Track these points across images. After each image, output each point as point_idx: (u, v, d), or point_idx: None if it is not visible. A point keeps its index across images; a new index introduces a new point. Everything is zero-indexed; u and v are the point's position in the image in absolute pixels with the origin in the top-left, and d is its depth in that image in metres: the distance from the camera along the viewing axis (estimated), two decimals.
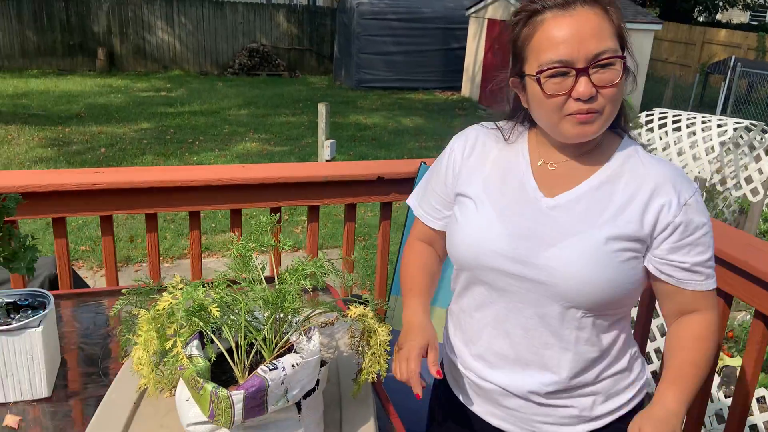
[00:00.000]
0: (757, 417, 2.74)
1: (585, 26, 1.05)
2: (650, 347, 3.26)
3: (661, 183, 1.14)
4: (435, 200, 1.33)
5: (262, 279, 1.18)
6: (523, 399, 1.24)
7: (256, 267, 1.22)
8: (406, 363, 1.14)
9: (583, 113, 1.08)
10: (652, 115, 4.82)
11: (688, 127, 4.69)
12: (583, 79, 1.06)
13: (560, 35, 1.06)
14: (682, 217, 1.13)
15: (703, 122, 4.74)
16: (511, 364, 1.23)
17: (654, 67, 15.57)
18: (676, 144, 4.65)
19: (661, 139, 4.64)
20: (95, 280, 4.44)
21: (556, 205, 1.17)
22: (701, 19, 25.27)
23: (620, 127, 1.21)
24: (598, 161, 1.18)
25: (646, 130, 4.64)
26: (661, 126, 4.66)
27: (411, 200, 1.41)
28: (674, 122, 4.81)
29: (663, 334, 3.36)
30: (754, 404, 2.72)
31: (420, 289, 1.32)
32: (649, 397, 1.25)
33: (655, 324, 3.33)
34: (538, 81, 1.08)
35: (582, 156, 1.18)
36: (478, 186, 1.24)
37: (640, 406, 1.29)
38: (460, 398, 1.35)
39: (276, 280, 1.15)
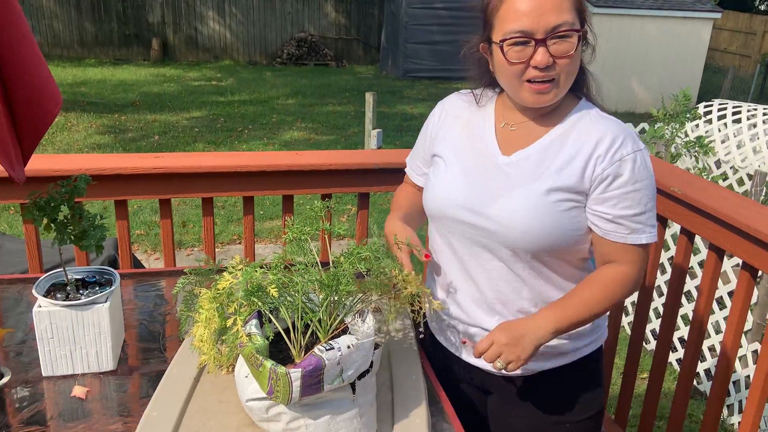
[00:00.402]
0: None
1: (546, 1, 1.16)
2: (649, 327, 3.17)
3: (602, 138, 1.23)
4: (419, 160, 1.50)
5: (317, 262, 1.21)
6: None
7: (311, 250, 1.24)
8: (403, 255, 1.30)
9: (539, 82, 1.20)
10: (711, 106, 4.66)
11: (748, 119, 4.52)
12: (540, 49, 1.17)
13: (523, 8, 1.16)
14: (612, 170, 1.21)
15: (764, 114, 4.56)
16: (479, 304, 1.36)
17: (712, 57, 15.01)
18: (735, 136, 4.49)
19: (720, 131, 4.49)
20: (149, 263, 4.59)
21: (509, 162, 1.29)
22: (762, 7, 24.19)
23: (581, 92, 1.31)
24: (553, 122, 1.29)
25: (705, 121, 4.50)
26: (719, 118, 4.51)
27: (407, 159, 1.57)
28: (734, 114, 4.64)
29: (658, 316, 3.28)
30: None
31: (399, 207, 1.50)
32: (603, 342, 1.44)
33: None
34: (501, 48, 1.20)
35: (539, 117, 1.30)
36: (448, 146, 1.38)
37: (600, 347, 1.43)
38: (442, 342, 1.47)
39: (331, 263, 1.17)
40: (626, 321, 3.64)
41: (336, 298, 1.14)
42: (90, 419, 1.19)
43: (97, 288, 1.33)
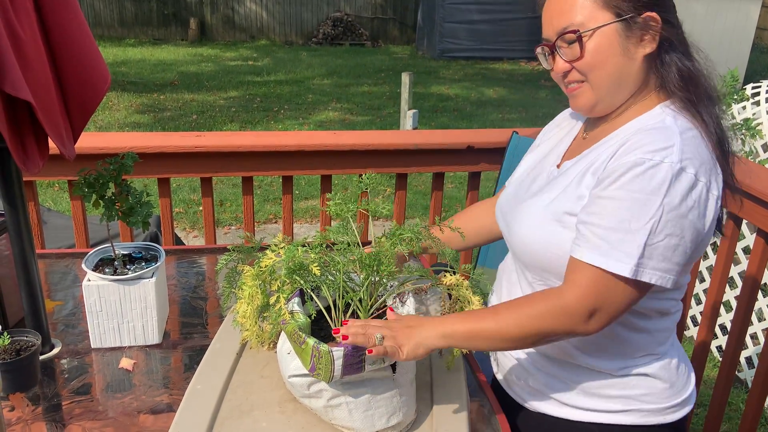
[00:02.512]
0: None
1: (552, 2, 1.09)
2: None
3: (626, 142, 1.04)
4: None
5: (358, 242, 1.21)
6: (510, 356, 1.28)
7: (354, 230, 1.25)
8: None
9: (573, 86, 1.11)
10: (759, 87, 4.50)
11: None
12: (556, 56, 1.11)
13: (542, 13, 1.11)
14: (605, 172, 1.03)
15: None
16: None
17: (761, 37, 14.46)
18: None
19: None
20: (188, 240, 4.67)
21: (552, 172, 1.21)
22: None
23: (675, 92, 1.08)
24: (613, 127, 1.14)
25: (752, 103, 4.35)
26: None
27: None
28: None
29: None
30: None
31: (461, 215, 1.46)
32: (649, 428, 1.15)
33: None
34: (537, 58, 1.15)
35: (604, 125, 1.16)
36: (530, 155, 1.33)
37: (631, 430, 1.16)
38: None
39: (373, 243, 1.18)
40: None
41: (377, 279, 1.14)
42: (136, 390, 1.22)
43: (143, 263, 1.37)
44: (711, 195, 1.01)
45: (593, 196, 1.04)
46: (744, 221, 1.88)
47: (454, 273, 1.28)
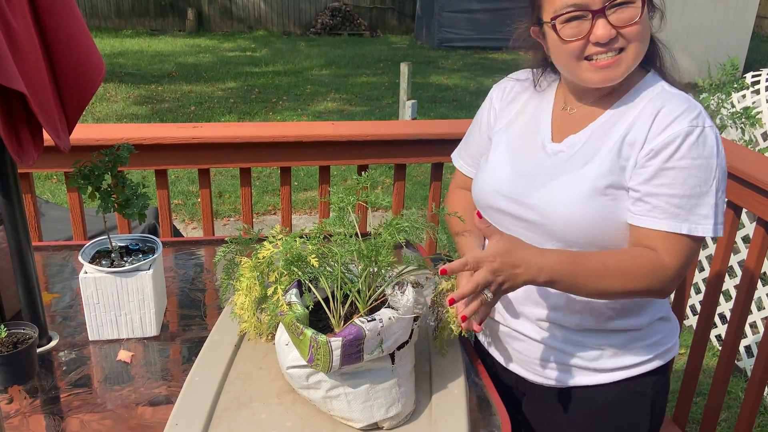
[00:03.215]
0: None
1: None
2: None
3: (658, 112, 1.08)
4: (474, 149, 1.38)
5: (357, 232, 1.20)
6: (529, 339, 1.26)
7: (352, 221, 1.24)
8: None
9: (605, 58, 1.07)
10: (759, 75, 4.48)
11: None
12: (600, 22, 1.04)
13: None
14: (658, 143, 1.06)
15: None
16: (518, 305, 1.25)
17: (761, 24, 14.39)
18: None
19: (767, 102, 4.32)
20: (186, 232, 4.67)
21: (559, 149, 1.18)
22: None
23: (651, 65, 1.16)
24: (612, 100, 1.15)
25: (752, 92, 4.33)
26: None
27: (453, 154, 1.46)
28: None
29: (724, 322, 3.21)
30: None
31: (471, 229, 1.34)
32: (668, 366, 1.25)
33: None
34: (554, 27, 1.08)
35: (601, 98, 1.17)
36: (502, 131, 1.29)
37: (658, 372, 1.24)
38: (483, 343, 1.40)
39: (372, 234, 1.17)
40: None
41: (375, 270, 1.14)
42: (135, 382, 1.22)
43: (140, 255, 1.36)
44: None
45: (657, 168, 1.06)
46: (744, 210, 1.87)
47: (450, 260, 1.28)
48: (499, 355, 1.35)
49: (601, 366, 1.23)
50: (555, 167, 1.17)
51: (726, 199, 1.87)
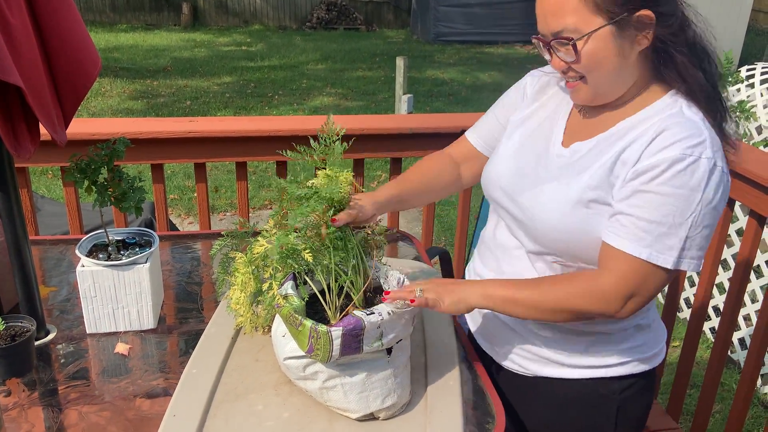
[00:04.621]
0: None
1: (546, 3, 1.06)
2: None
3: (658, 135, 1.04)
4: (490, 122, 1.39)
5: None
6: (502, 324, 1.29)
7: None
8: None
9: (570, 81, 1.11)
10: (754, 69, 4.49)
11: None
12: (551, 53, 1.10)
13: (536, 6, 1.08)
14: (644, 166, 1.03)
15: None
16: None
17: (756, 18, 14.41)
18: None
19: (762, 95, 4.34)
20: (183, 226, 4.67)
21: (562, 153, 1.19)
22: None
23: (678, 83, 1.09)
24: (625, 113, 1.13)
25: (747, 85, 4.35)
26: (762, 82, 4.35)
27: (468, 130, 1.46)
28: None
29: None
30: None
31: (400, 181, 1.38)
32: (643, 375, 1.24)
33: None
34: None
35: (615, 109, 1.15)
36: (519, 122, 1.30)
37: (629, 378, 1.24)
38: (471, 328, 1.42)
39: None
40: None
41: (354, 262, 1.14)
42: (132, 375, 1.23)
43: (137, 249, 1.37)
44: (728, 180, 1.06)
45: (635, 189, 1.04)
46: (737, 203, 1.89)
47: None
48: (481, 338, 1.38)
49: (567, 361, 1.24)
50: (551, 171, 1.18)
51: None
